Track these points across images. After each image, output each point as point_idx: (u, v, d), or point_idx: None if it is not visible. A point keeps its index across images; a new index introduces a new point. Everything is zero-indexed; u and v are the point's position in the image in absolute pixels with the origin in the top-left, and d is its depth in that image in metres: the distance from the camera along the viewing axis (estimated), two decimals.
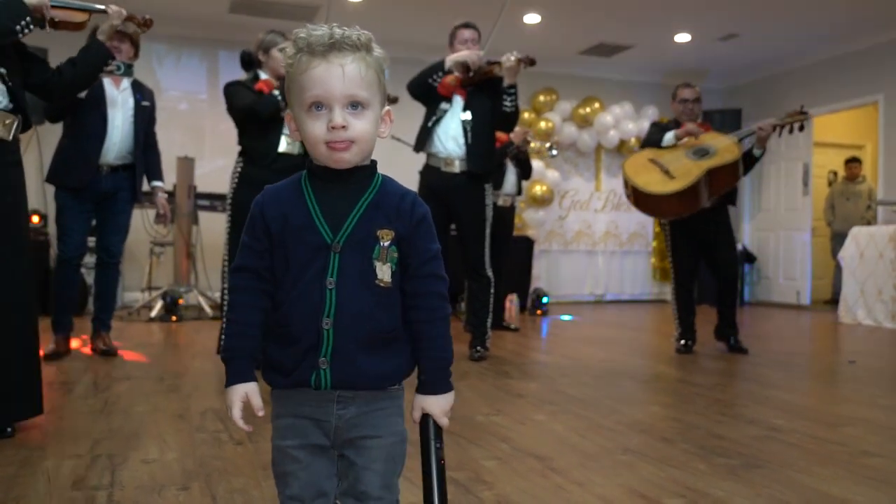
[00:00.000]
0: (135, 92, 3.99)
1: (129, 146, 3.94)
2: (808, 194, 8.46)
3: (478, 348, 4.13)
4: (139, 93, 4.02)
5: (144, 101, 4.04)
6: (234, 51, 7.60)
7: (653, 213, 4.56)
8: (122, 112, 3.91)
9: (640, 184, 4.23)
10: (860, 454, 2.27)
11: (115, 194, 3.91)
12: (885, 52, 7.38)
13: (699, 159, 4.19)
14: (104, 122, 3.82)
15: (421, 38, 7.44)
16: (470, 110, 4.03)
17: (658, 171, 4.23)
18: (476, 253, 4.18)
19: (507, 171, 5.68)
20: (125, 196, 3.96)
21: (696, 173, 4.11)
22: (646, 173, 4.27)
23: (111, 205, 3.93)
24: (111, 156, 3.87)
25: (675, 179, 4.15)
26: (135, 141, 3.95)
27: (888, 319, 6.16)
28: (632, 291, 8.97)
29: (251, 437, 2.35)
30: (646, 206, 4.41)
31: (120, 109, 3.90)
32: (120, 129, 3.89)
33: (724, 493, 1.87)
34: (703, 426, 2.60)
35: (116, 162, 3.89)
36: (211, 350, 4.19)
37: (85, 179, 3.79)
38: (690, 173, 4.13)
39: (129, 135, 3.93)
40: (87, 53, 3.11)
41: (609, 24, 7.35)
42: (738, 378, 3.68)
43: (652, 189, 4.20)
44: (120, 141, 3.89)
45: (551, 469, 2.06)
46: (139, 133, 3.97)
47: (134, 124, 3.95)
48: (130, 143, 3.94)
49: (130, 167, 3.97)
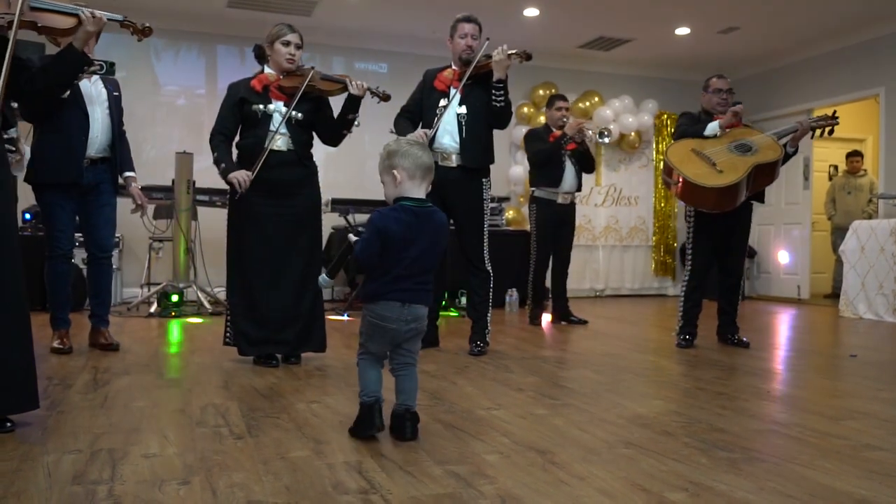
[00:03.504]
0: (105, 84, 3.99)
1: (108, 138, 3.96)
2: (809, 188, 8.45)
3: (478, 343, 4.12)
4: (109, 84, 4.02)
5: (115, 92, 4.05)
6: (233, 45, 7.63)
7: (694, 204, 4.43)
8: (100, 105, 3.93)
9: (691, 175, 4.13)
10: (863, 448, 2.26)
11: (97, 187, 3.92)
12: (886, 45, 7.36)
13: (743, 154, 4.15)
14: (86, 117, 3.83)
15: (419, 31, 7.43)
16: (465, 104, 4.02)
17: (705, 163, 4.17)
18: (475, 247, 4.17)
19: (566, 169, 5.60)
20: (107, 188, 3.98)
21: (744, 169, 4.07)
22: (694, 165, 4.19)
23: (95, 198, 3.93)
24: (93, 150, 3.89)
25: (724, 174, 4.08)
26: (112, 133, 3.97)
27: (889, 313, 6.15)
28: (632, 286, 8.96)
29: (251, 432, 2.34)
30: (690, 196, 4.29)
31: (97, 103, 3.92)
32: (100, 122, 3.91)
33: (726, 487, 1.87)
34: (705, 420, 2.60)
35: (97, 155, 3.91)
36: (211, 345, 4.19)
37: (73, 175, 3.79)
38: (738, 169, 4.09)
39: (108, 127, 3.95)
40: (60, 62, 2.97)
41: (608, 17, 7.33)
42: (740, 372, 3.67)
43: (703, 182, 4.09)
44: (101, 134, 3.91)
45: (552, 463, 2.05)
46: (115, 125, 3.98)
47: (110, 116, 3.97)
48: (109, 135, 3.96)
49: (108, 159, 3.97)
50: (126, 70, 7.10)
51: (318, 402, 2.82)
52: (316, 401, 2.84)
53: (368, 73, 7.92)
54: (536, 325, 5.66)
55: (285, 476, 1.91)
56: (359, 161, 7.65)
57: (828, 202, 8.58)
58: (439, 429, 2.42)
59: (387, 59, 7.95)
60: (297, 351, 3.71)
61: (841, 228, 7.65)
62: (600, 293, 8.80)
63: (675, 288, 8.83)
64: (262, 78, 3.63)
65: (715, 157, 4.18)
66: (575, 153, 5.60)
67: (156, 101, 7.40)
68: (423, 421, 2.50)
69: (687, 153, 4.28)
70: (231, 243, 3.65)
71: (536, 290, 5.80)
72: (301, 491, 1.81)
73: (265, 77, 3.63)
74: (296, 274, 3.64)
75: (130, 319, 5.54)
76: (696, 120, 4.44)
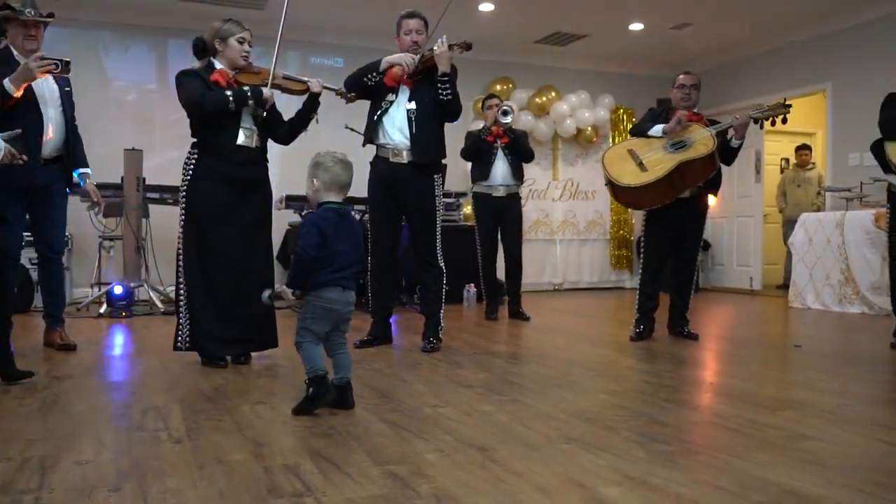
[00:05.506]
0: (56, 80, 3.88)
1: (63, 137, 3.86)
2: (760, 181, 8.61)
3: (431, 339, 4.12)
4: (60, 79, 3.91)
5: (67, 87, 3.95)
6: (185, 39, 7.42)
7: (628, 204, 4.62)
8: (52, 104, 3.83)
9: (614, 175, 4.31)
10: (797, 438, 2.31)
11: (48, 187, 3.82)
12: (833, 42, 7.53)
13: (674, 152, 4.23)
14: (40, 118, 3.73)
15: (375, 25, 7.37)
16: (415, 100, 4.01)
17: (633, 162, 4.28)
18: (427, 244, 4.16)
19: (496, 162, 5.65)
20: (59, 189, 3.88)
21: (668, 167, 4.17)
22: (621, 165, 4.33)
23: (47, 199, 3.84)
24: (47, 150, 3.78)
25: (646, 172, 4.21)
26: (66, 131, 3.87)
27: (835, 303, 6.31)
28: (590, 279, 9.04)
29: (191, 435, 2.31)
30: (622, 197, 4.49)
31: (50, 102, 3.81)
32: (55, 121, 3.81)
33: (660, 481, 1.89)
34: (648, 413, 2.63)
35: (51, 154, 3.80)
36: (160, 346, 4.12)
37: (28, 177, 3.69)
38: (662, 167, 4.19)
39: (62, 125, 3.86)
40: None
41: (563, 12, 7.37)
42: (687, 364, 3.72)
43: (623, 181, 4.27)
44: (56, 134, 3.81)
45: (492, 460, 2.06)
46: (69, 122, 3.88)
47: (63, 114, 3.87)
48: (63, 133, 3.86)
49: (61, 158, 3.88)
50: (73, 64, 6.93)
51: (264, 402, 2.79)
52: (262, 401, 2.81)
53: (324, 67, 7.85)
54: (493, 320, 5.69)
55: (220, 480, 1.89)
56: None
57: (779, 195, 8.76)
58: (383, 428, 2.41)
59: (342, 54, 7.88)
60: (262, 348, 3.68)
61: (791, 221, 7.81)
62: (559, 287, 8.87)
63: (633, 281, 8.93)
64: (224, 73, 3.55)
65: (645, 157, 4.27)
66: (509, 146, 5.64)
67: (104, 96, 7.24)
68: (368, 421, 2.50)
69: (622, 153, 4.41)
70: (189, 241, 3.54)
71: (488, 285, 5.84)
72: (234, 496, 1.78)
73: (225, 72, 3.56)
74: (257, 271, 3.60)
75: (80, 320, 5.42)
76: (655, 117, 4.50)
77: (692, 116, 4.40)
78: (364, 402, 2.80)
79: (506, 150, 5.66)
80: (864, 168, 6.76)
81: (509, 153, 5.67)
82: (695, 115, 4.43)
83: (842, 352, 4.26)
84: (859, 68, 7.21)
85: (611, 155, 4.46)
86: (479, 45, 8.20)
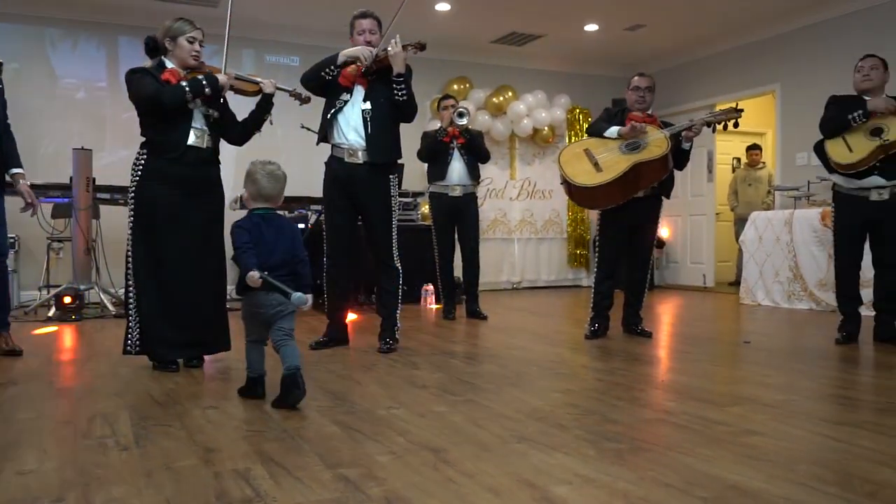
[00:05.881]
0: None
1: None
2: (713, 180, 8.78)
3: (387, 340, 4.11)
4: None
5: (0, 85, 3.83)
6: (136, 36, 7.31)
7: (583, 204, 4.68)
8: None
9: (570, 175, 4.36)
10: (743, 433, 2.37)
11: None
12: (782, 44, 7.71)
13: (629, 153, 4.29)
14: None
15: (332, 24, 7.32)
16: (370, 100, 3.99)
17: (588, 162, 4.34)
18: (384, 244, 4.15)
19: (452, 162, 5.66)
20: None
21: (623, 167, 4.23)
22: (576, 164, 4.39)
23: None
24: None
25: (602, 172, 4.27)
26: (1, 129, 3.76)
27: (784, 300, 6.47)
28: (547, 278, 9.12)
29: (139, 442, 2.27)
30: (577, 196, 4.54)
31: None
32: None
33: (609, 478, 1.92)
34: (599, 411, 2.67)
35: None
36: (110, 350, 4.04)
37: None
38: (616, 167, 4.25)
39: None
40: None
41: (519, 13, 7.41)
42: (640, 362, 3.78)
43: (579, 181, 4.33)
44: None
45: (444, 461, 2.07)
46: (2, 120, 3.77)
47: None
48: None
49: None
50: (19, 62, 6.78)
51: (216, 407, 2.76)
52: (213, 406, 2.77)
53: (280, 66, 7.78)
54: (451, 320, 5.70)
55: (168, 488, 1.86)
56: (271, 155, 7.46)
57: (730, 194, 8.94)
58: (336, 431, 2.40)
59: (299, 52, 7.81)
60: (214, 351, 3.64)
61: (743, 219, 7.98)
62: (517, 285, 8.93)
63: (590, 279, 8.98)
64: (175, 72, 3.48)
65: (600, 157, 4.33)
66: (465, 147, 5.67)
67: (52, 94, 7.06)
68: (321, 423, 2.49)
69: (577, 153, 4.46)
70: (138, 243, 3.47)
71: (445, 285, 5.86)
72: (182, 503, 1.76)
73: (176, 72, 3.50)
74: (210, 273, 3.55)
75: (27, 324, 5.28)
76: (610, 118, 4.55)
77: (646, 119, 4.47)
78: (317, 404, 2.78)
79: (462, 150, 5.69)
80: (811, 167, 6.93)
81: (465, 153, 5.69)
82: (648, 118, 4.50)
83: (789, 348, 4.36)
84: (807, 70, 7.40)
85: (567, 154, 4.50)
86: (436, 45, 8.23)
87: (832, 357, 3.92)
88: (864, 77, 4.22)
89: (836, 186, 4.38)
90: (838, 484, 1.88)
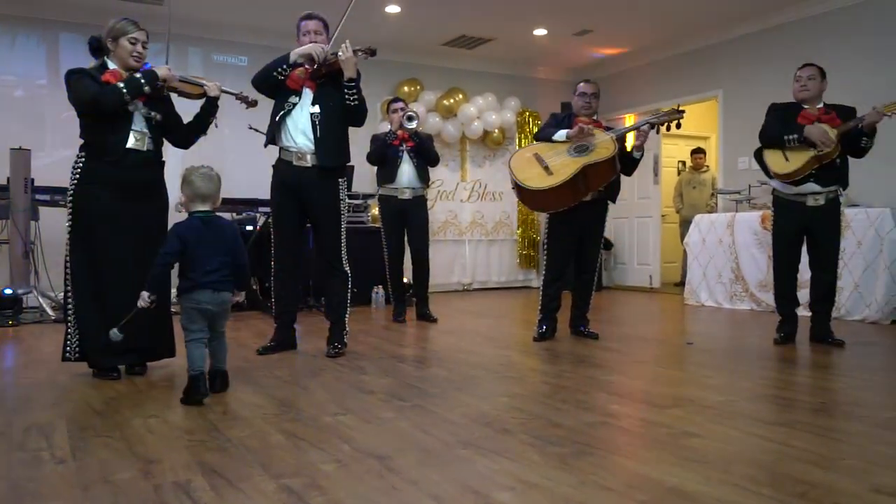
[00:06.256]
0: None
1: None
2: (659, 183, 8.96)
3: (335, 345, 4.09)
4: None
5: None
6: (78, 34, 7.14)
7: (535, 207, 4.75)
8: None
9: (521, 179, 4.40)
10: (682, 435, 2.42)
11: None
12: (724, 51, 7.91)
13: (578, 156, 4.35)
14: None
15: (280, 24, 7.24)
16: (319, 104, 3.97)
17: (539, 166, 4.38)
18: (333, 248, 4.12)
19: (402, 165, 5.66)
20: None
21: (572, 170, 4.28)
22: (527, 168, 4.44)
23: None
24: None
25: (552, 175, 4.32)
26: None
27: (727, 300, 6.64)
28: (498, 279, 9.19)
29: (76, 454, 2.21)
30: (529, 200, 4.60)
31: None
32: None
33: (551, 483, 1.95)
34: (544, 415, 2.70)
35: None
36: (49, 357, 3.93)
37: None
38: (566, 170, 4.30)
39: None
40: None
41: (469, 16, 7.44)
42: (585, 364, 3.84)
43: (530, 184, 4.37)
44: None
45: (389, 469, 2.07)
46: None
47: None
48: None
49: None
50: None
51: (158, 416, 2.71)
52: (155, 415, 2.72)
53: (227, 66, 7.66)
54: (401, 322, 5.70)
55: (105, 502, 1.82)
56: (218, 157, 7.36)
57: (675, 196, 9.14)
58: (280, 440, 2.38)
59: (247, 52, 7.70)
60: (157, 357, 3.57)
61: (688, 221, 8.14)
62: (468, 287, 8.97)
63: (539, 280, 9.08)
64: (116, 74, 3.41)
65: (550, 161, 4.39)
66: (414, 150, 5.69)
67: None
68: (265, 432, 2.46)
69: (527, 158, 4.51)
70: (76, 247, 3.39)
71: (395, 287, 5.86)
72: None
73: (118, 73, 3.42)
74: None
75: None
76: (558, 123, 4.61)
77: (592, 123, 4.54)
78: (263, 412, 2.75)
79: (411, 153, 5.69)
80: (752, 172, 7.11)
81: (415, 157, 5.70)
82: (595, 122, 4.58)
83: (730, 348, 4.48)
84: (748, 77, 7.61)
85: (517, 159, 4.55)
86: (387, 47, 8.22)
87: (770, 357, 4.04)
88: (801, 87, 4.36)
89: (775, 192, 4.52)
90: (771, 485, 1.94)
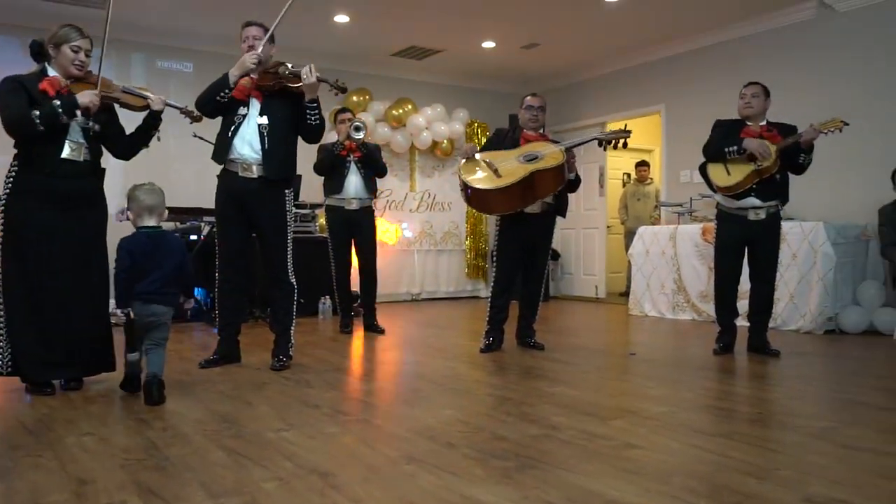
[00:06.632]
0: None
1: None
2: (604, 195, 9.11)
3: (280, 358, 4.03)
4: None
5: None
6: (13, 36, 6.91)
7: (482, 209, 4.83)
8: None
9: (470, 179, 4.46)
10: (624, 447, 2.46)
11: None
12: (665, 67, 8.11)
13: (526, 163, 4.42)
14: None
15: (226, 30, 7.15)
16: (267, 115, 3.93)
17: (488, 169, 4.45)
18: (279, 260, 4.08)
19: (349, 175, 5.63)
20: None
21: (521, 174, 4.36)
22: (476, 171, 4.50)
23: None
24: None
25: (501, 178, 4.39)
26: None
27: (669, 310, 6.78)
28: (447, 289, 9.20)
29: (3, 476, 2.13)
30: (477, 201, 4.61)
31: None
32: None
33: (494, 498, 1.95)
34: (489, 428, 2.71)
35: None
36: None
37: None
38: (516, 173, 4.38)
39: None
40: None
41: (418, 27, 7.47)
42: (530, 376, 3.87)
43: (479, 185, 4.43)
44: None
45: (332, 486, 2.05)
46: None
47: None
48: None
49: None
50: None
51: (93, 433, 2.63)
52: (90, 433, 2.64)
53: (172, 72, 7.53)
54: (348, 334, 5.66)
55: None
56: (163, 165, 7.22)
57: (621, 208, 9.30)
58: (221, 457, 2.34)
59: (192, 58, 7.58)
60: (95, 372, 3.47)
61: (632, 232, 8.29)
62: (416, 297, 8.96)
63: (488, 290, 9.16)
64: (55, 81, 3.31)
65: (500, 165, 4.45)
66: (362, 160, 5.68)
67: None
68: (205, 449, 2.42)
69: (477, 162, 4.57)
70: (7, 259, 3.27)
71: (342, 298, 5.82)
72: None
73: (57, 80, 3.32)
74: (88, 291, 3.39)
75: None
76: (501, 139, 4.70)
77: (538, 137, 4.61)
78: (203, 427, 2.70)
79: (359, 164, 5.68)
80: (694, 184, 7.30)
81: (362, 167, 5.69)
82: (541, 136, 4.65)
83: (672, 359, 4.57)
84: (690, 92, 7.80)
85: (467, 164, 4.59)
86: (336, 56, 8.19)
87: (711, 367, 4.14)
88: (745, 104, 4.50)
89: (718, 205, 4.65)
90: (709, 496, 1.99)
